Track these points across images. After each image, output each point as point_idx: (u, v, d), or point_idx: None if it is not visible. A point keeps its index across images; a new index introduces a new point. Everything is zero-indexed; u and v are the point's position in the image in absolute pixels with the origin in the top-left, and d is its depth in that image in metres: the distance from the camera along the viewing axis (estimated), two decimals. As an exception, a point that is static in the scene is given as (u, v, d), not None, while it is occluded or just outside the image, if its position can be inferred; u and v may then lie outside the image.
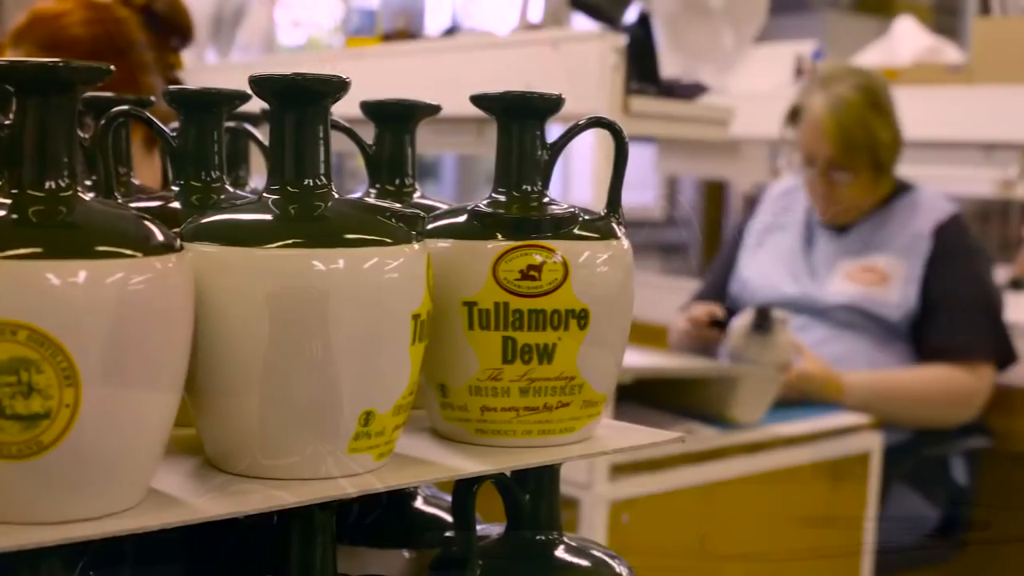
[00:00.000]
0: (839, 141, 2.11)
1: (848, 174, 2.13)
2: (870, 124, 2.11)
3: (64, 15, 1.43)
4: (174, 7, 1.58)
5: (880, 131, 2.13)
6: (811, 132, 2.15)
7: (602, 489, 1.63)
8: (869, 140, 2.11)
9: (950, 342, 2.08)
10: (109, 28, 1.50)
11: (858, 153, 2.11)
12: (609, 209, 0.74)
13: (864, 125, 2.10)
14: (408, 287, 0.64)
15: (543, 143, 0.73)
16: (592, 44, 1.60)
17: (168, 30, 1.52)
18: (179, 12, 1.59)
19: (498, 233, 0.69)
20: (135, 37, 1.52)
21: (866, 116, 2.11)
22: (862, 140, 2.11)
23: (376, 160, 0.83)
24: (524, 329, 0.68)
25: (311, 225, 0.64)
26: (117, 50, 1.49)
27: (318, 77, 0.65)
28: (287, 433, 0.63)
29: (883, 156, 2.14)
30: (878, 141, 2.11)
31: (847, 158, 2.12)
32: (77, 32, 1.43)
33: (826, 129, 2.11)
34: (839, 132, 2.10)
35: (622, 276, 0.71)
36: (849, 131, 2.10)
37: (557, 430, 0.71)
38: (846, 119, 2.10)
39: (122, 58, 1.49)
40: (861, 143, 2.11)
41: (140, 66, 1.51)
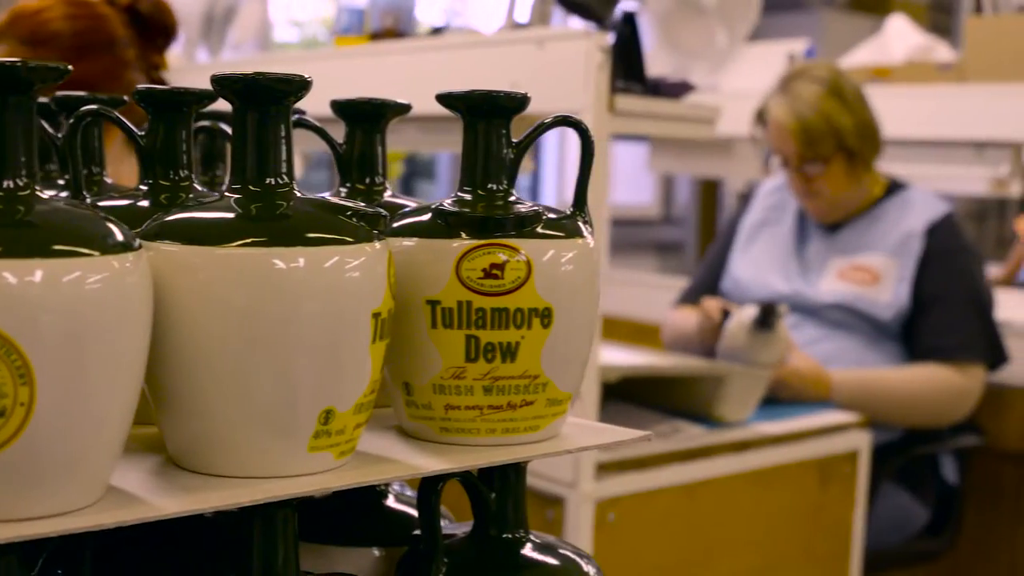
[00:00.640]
0: (799, 134, 2.13)
1: (818, 165, 2.14)
2: (828, 112, 2.12)
3: (45, 10, 1.43)
4: (159, 7, 1.57)
5: (839, 117, 2.14)
6: (775, 132, 2.18)
7: (588, 487, 1.63)
8: (829, 127, 2.12)
9: (942, 342, 2.08)
10: (91, 24, 1.50)
11: (821, 141, 2.12)
12: (575, 208, 0.74)
13: (821, 113, 2.12)
14: (369, 286, 0.64)
15: (509, 142, 0.73)
16: (577, 43, 1.60)
17: (152, 30, 1.52)
18: (163, 12, 1.59)
19: (462, 232, 0.69)
20: (118, 33, 1.52)
21: (823, 105, 2.12)
22: (822, 128, 2.12)
23: (346, 159, 0.83)
24: (487, 328, 0.68)
25: (272, 224, 0.64)
26: (99, 45, 1.49)
27: (279, 77, 0.65)
28: (247, 431, 0.63)
29: (850, 142, 2.14)
30: (839, 127, 2.12)
31: (811, 149, 2.13)
32: (58, 27, 1.43)
33: (786, 125, 2.14)
34: (798, 125, 2.13)
35: (587, 275, 0.71)
36: (807, 121, 2.12)
37: (521, 428, 0.71)
38: (803, 111, 2.12)
39: (105, 54, 1.49)
40: (822, 131, 2.12)
41: (123, 62, 1.51)
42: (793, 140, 2.14)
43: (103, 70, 1.50)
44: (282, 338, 0.62)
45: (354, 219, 0.65)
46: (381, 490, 0.85)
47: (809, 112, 2.13)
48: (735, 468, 1.80)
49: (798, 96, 2.14)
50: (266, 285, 0.62)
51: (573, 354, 0.71)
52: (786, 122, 2.14)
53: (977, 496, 2.45)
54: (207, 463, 0.64)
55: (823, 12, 4.66)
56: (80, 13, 1.48)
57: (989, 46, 2.45)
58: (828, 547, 1.96)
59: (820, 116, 2.13)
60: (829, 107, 2.13)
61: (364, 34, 1.96)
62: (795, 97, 2.14)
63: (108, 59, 1.51)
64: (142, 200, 0.77)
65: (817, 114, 2.13)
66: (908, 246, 2.13)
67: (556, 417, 0.72)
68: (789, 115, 2.14)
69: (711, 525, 1.80)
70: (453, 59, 1.81)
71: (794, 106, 2.14)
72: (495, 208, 0.71)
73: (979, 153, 2.52)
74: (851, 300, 2.13)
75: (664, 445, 1.74)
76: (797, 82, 2.18)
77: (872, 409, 2.03)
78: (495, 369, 0.69)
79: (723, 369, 1.83)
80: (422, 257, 0.69)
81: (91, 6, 1.51)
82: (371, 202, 0.82)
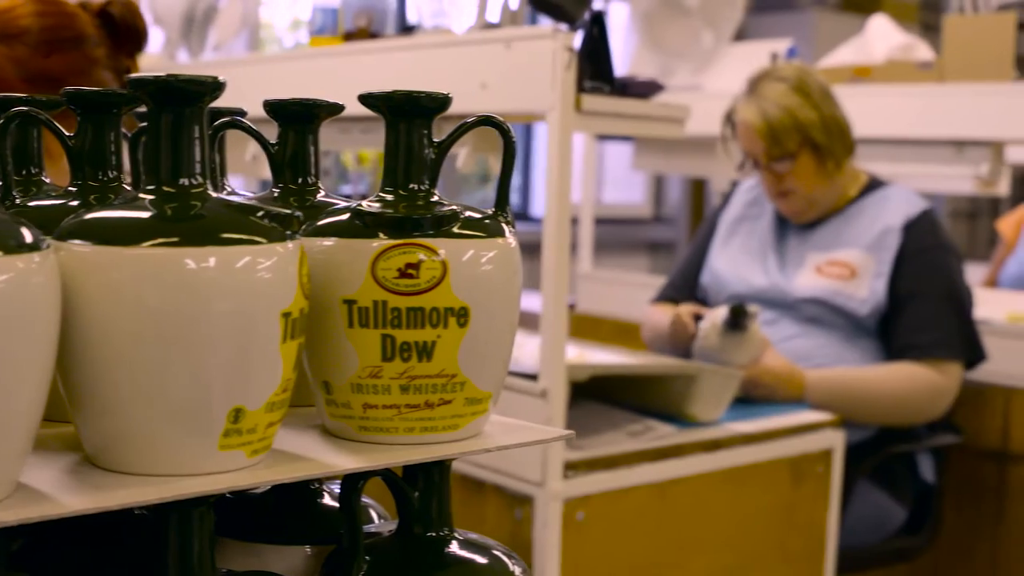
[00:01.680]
0: (765, 131, 2.14)
1: (786, 161, 2.15)
2: (791, 107, 2.13)
3: (15, 7, 1.44)
4: (130, 11, 1.58)
5: (803, 111, 2.15)
6: (743, 134, 2.20)
7: (556, 487, 1.64)
8: (793, 121, 2.13)
9: (917, 339, 2.08)
10: (60, 20, 1.51)
11: (786, 137, 2.13)
12: (497, 207, 0.74)
13: (785, 109, 2.13)
14: (279, 286, 0.65)
15: (431, 142, 0.74)
16: (544, 43, 1.60)
17: (123, 33, 1.52)
18: (135, 16, 1.59)
19: (380, 232, 0.70)
20: (87, 31, 1.52)
21: (786, 101, 2.14)
22: (787, 123, 2.13)
23: (279, 159, 0.84)
24: (403, 327, 0.69)
25: (184, 224, 0.65)
26: (67, 42, 1.50)
27: (192, 78, 0.66)
28: (158, 429, 0.64)
29: (817, 137, 2.15)
30: (804, 121, 2.13)
31: (777, 145, 2.14)
32: (27, 23, 1.44)
33: (752, 125, 2.16)
34: (763, 123, 2.14)
35: (506, 274, 0.72)
36: (770, 118, 2.13)
37: (440, 427, 0.71)
38: (767, 109, 2.14)
39: (73, 50, 1.50)
40: (786, 126, 2.13)
41: (91, 60, 1.52)
42: (760, 139, 2.16)
43: (71, 66, 1.51)
44: (192, 337, 0.63)
45: (266, 220, 0.66)
46: (316, 489, 0.85)
47: (773, 109, 2.14)
48: (707, 467, 1.80)
49: (763, 96, 2.16)
50: (177, 285, 0.62)
51: (492, 353, 0.72)
52: (752, 122, 2.16)
53: (957, 495, 2.45)
54: (120, 461, 0.65)
55: (814, 12, 4.66)
56: (49, 10, 1.49)
57: (967, 45, 2.45)
58: (802, 546, 1.96)
59: (784, 112, 2.14)
60: (792, 103, 2.15)
61: (338, 34, 1.96)
62: (761, 97, 2.16)
63: (76, 55, 1.51)
64: (72, 200, 0.77)
65: (781, 110, 2.14)
66: (885, 242, 2.14)
67: (476, 416, 0.73)
68: (755, 115, 2.16)
69: (683, 524, 1.80)
70: (424, 59, 1.81)
71: (760, 105, 2.15)
72: (414, 208, 0.71)
73: (960, 152, 2.52)
74: (828, 295, 2.13)
75: (635, 444, 1.75)
76: (763, 83, 2.20)
77: (846, 409, 2.03)
78: (411, 368, 0.69)
79: (694, 368, 1.83)
80: (339, 257, 0.70)
81: (61, 4, 1.52)
82: (304, 202, 0.83)
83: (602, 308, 3.07)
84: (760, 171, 2.20)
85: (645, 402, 1.88)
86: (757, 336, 2.02)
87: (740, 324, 2.00)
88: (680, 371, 1.82)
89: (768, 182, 2.21)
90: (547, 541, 1.64)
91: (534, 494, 1.66)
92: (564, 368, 1.63)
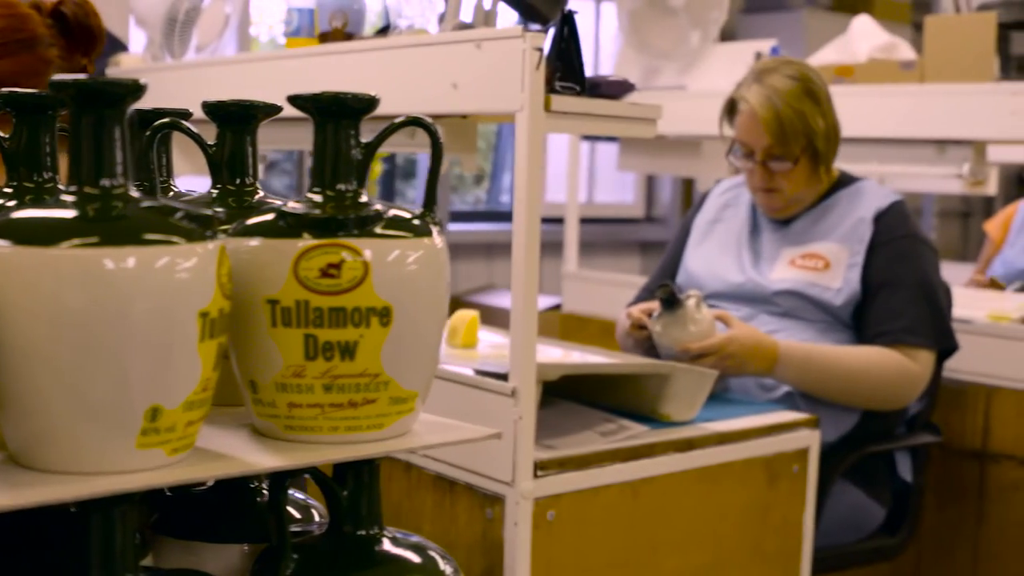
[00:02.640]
0: (775, 129, 2.11)
1: (786, 163, 2.13)
2: (805, 112, 2.11)
3: None
4: (84, 10, 1.58)
5: (815, 119, 2.13)
6: (747, 123, 2.15)
7: (526, 486, 1.64)
8: (805, 127, 2.11)
9: (887, 327, 2.08)
10: (11, 22, 1.51)
11: (795, 140, 2.11)
12: (425, 208, 0.75)
13: (799, 113, 2.11)
14: (197, 286, 0.65)
15: (358, 143, 0.74)
16: (514, 43, 1.60)
17: (77, 33, 1.53)
18: (89, 15, 1.59)
19: (304, 232, 0.70)
20: (39, 32, 1.52)
21: (801, 104, 2.11)
22: (798, 127, 2.11)
23: (217, 160, 0.84)
24: (324, 326, 0.69)
25: (105, 225, 0.65)
26: (20, 44, 1.50)
27: (112, 81, 0.66)
28: (77, 428, 0.64)
29: (820, 145, 2.14)
30: (814, 129, 2.11)
31: (784, 146, 2.12)
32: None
33: (762, 118, 2.11)
34: (775, 120, 2.10)
35: (431, 274, 0.72)
36: (784, 118, 2.10)
37: (364, 426, 0.71)
38: (781, 107, 2.10)
39: (26, 52, 1.50)
40: (797, 130, 2.11)
41: (45, 61, 1.52)
42: (766, 133, 2.12)
43: (24, 68, 1.51)
44: (110, 337, 0.63)
45: (186, 220, 0.66)
46: (255, 488, 0.86)
47: (786, 109, 2.11)
48: (680, 467, 1.80)
49: (775, 89, 2.12)
50: (96, 285, 0.63)
51: (416, 353, 0.72)
52: (762, 114, 2.11)
53: (938, 494, 2.45)
54: (42, 460, 0.66)
55: (805, 12, 4.66)
56: (1, 12, 1.49)
57: (947, 45, 2.45)
58: (778, 545, 1.96)
59: (796, 114, 2.11)
60: (806, 108, 2.12)
61: (315, 35, 1.97)
62: (772, 90, 2.12)
63: (29, 58, 1.51)
64: (10, 201, 0.78)
65: (794, 113, 2.11)
66: (858, 233, 2.14)
67: (402, 415, 0.73)
68: (766, 108, 2.11)
69: (655, 524, 1.80)
70: (397, 60, 1.82)
71: (771, 99, 2.11)
72: (340, 208, 0.72)
73: (941, 151, 2.52)
74: (802, 287, 2.13)
75: (607, 444, 1.75)
76: (772, 76, 2.15)
77: (818, 384, 2.03)
78: (334, 367, 0.70)
79: (667, 368, 1.83)
80: (263, 257, 0.70)
81: (12, 6, 1.52)
82: (241, 202, 0.83)
83: (588, 308, 3.08)
84: (749, 163, 2.17)
85: (620, 403, 1.88)
86: (699, 314, 2.01)
87: (670, 300, 1.99)
88: (653, 370, 1.82)
89: (758, 176, 2.18)
90: (518, 541, 1.65)
91: (505, 493, 1.66)
92: (534, 368, 1.63)
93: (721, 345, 1.98)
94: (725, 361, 1.99)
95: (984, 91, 2.47)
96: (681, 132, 2.88)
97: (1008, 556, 2.42)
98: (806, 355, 2.04)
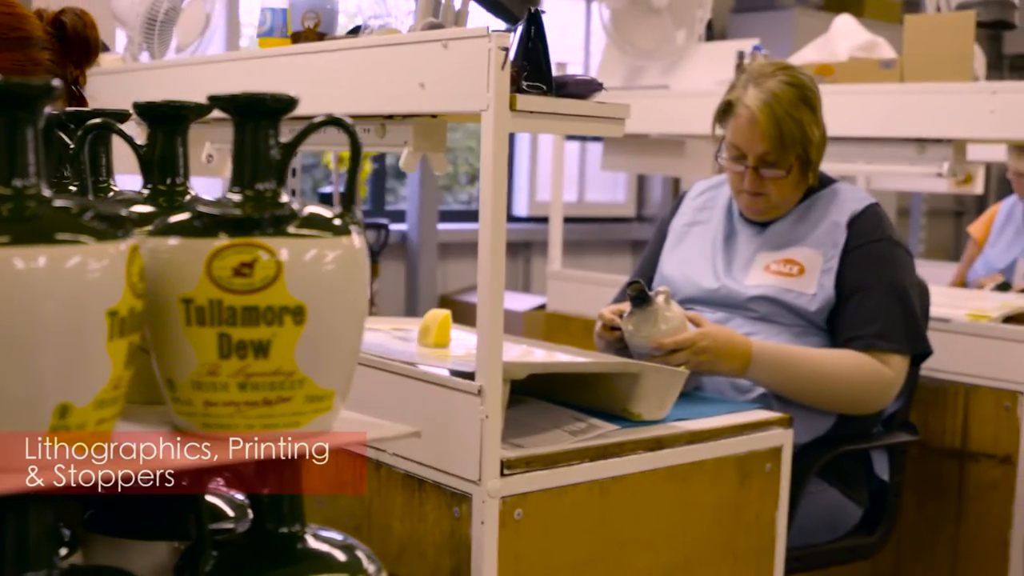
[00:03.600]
0: (774, 137, 2.09)
1: (779, 171, 2.12)
2: (803, 121, 2.10)
3: None
4: (83, 21, 1.59)
5: (812, 128, 2.12)
6: (745, 128, 2.12)
7: (493, 484, 1.64)
8: (802, 136, 2.10)
9: (860, 332, 2.08)
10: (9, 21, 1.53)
11: (791, 148, 2.10)
12: (344, 207, 0.75)
13: (797, 121, 2.09)
14: (106, 285, 0.66)
15: (277, 143, 0.75)
16: (479, 43, 1.60)
17: (72, 43, 1.54)
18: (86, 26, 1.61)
19: (220, 232, 0.71)
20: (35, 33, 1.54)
21: (799, 113, 2.10)
22: (796, 136, 2.09)
23: (148, 160, 0.85)
24: (238, 325, 0.70)
25: (17, 225, 0.66)
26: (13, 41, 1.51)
27: (24, 82, 0.67)
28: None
29: (813, 153, 2.14)
30: (810, 138, 2.11)
31: (780, 154, 2.10)
32: None
33: (762, 124, 2.09)
34: (774, 128, 2.08)
35: (347, 273, 0.73)
36: (784, 127, 2.08)
37: (280, 425, 0.72)
38: (780, 115, 2.09)
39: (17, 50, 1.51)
40: (796, 139, 2.10)
41: (35, 62, 1.53)
42: (763, 140, 2.10)
43: (12, 65, 1.52)
44: (20, 335, 0.64)
45: (97, 221, 0.67)
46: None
47: (785, 116, 2.09)
48: (650, 465, 1.81)
49: (774, 96, 2.10)
50: (6, 284, 0.64)
51: (332, 352, 0.73)
52: (761, 120, 2.09)
53: (917, 493, 2.45)
54: (-46, 457, 0.66)
55: (796, 11, 4.66)
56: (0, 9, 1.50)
57: (927, 44, 2.45)
58: (750, 544, 1.96)
59: (796, 123, 2.09)
60: (805, 117, 2.11)
61: (287, 35, 1.97)
62: (771, 95, 2.10)
63: (19, 55, 1.53)
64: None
65: (793, 121, 2.09)
66: (832, 237, 2.14)
67: (319, 414, 0.74)
68: (766, 113, 2.09)
69: (625, 522, 1.80)
70: (367, 60, 1.82)
71: (771, 105, 2.09)
72: (257, 208, 0.72)
73: (921, 150, 2.52)
74: (777, 293, 2.13)
75: (575, 442, 1.75)
76: (770, 80, 2.13)
77: (790, 385, 2.03)
78: (248, 366, 0.70)
79: (637, 367, 1.83)
80: (179, 256, 0.71)
81: (11, 4, 1.54)
82: (172, 202, 0.84)
83: (572, 307, 3.08)
84: (739, 166, 2.16)
85: (592, 402, 1.88)
86: (673, 310, 2.01)
87: (640, 298, 2.00)
88: (622, 369, 1.83)
89: (747, 180, 2.16)
90: (484, 539, 1.65)
91: (471, 492, 1.66)
92: (500, 367, 1.63)
93: (693, 340, 1.99)
94: (698, 356, 1.99)
95: (963, 90, 2.47)
96: (664, 131, 2.88)
97: (987, 554, 2.43)
98: (780, 356, 2.05)
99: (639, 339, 2.02)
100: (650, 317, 2.01)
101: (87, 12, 1.62)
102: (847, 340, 2.09)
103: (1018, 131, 2.46)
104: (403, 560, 1.79)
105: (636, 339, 2.03)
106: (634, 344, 2.04)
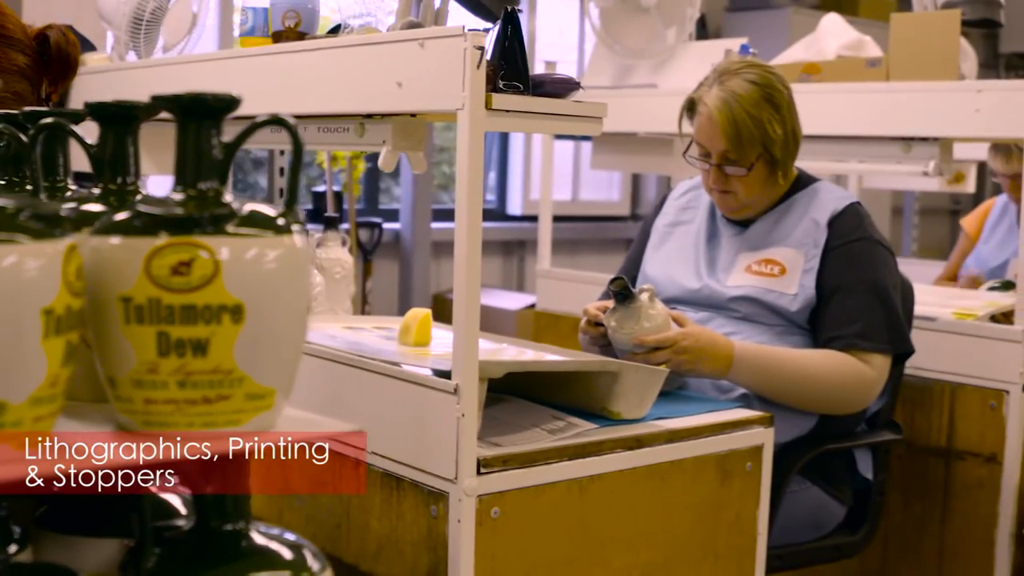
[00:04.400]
0: (731, 135, 2.10)
1: (741, 168, 2.13)
2: (763, 119, 2.10)
3: None
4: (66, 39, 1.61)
5: (773, 126, 2.11)
6: (704, 126, 2.14)
7: (469, 483, 1.65)
8: (761, 135, 2.10)
9: (842, 331, 2.07)
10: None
11: (750, 147, 2.10)
12: (286, 206, 0.76)
13: (756, 120, 2.09)
14: (41, 283, 0.66)
15: (219, 142, 0.75)
16: (455, 42, 1.61)
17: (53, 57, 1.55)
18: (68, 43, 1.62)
19: (160, 230, 0.71)
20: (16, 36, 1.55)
21: (759, 111, 2.10)
22: (755, 135, 2.09)
23: (99, 159, 0.85)
24: (176, 323, 0.70)
25: (-50, 224, 0.66)
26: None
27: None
28: (-80, 424, 0.65)
29: (776, 152, 2.13)
30: (770, 137, 2.10)
31: (739, 152, 2.11)
32: None
33: (718, 123, 2.10)
34: (731, 126, 2.09)
35: (287, 272, 0.73)
36: (741, 125, 2.09)
37: (220, 422, 0.72)
38: (738, 113, 2.09)
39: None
40: (753, 138, 2.10)
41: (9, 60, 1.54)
42: (722, 139, 2.12)
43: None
44: (-47, 334, 0.64)
45: (33, 220, 0.67)
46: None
47: (742, 114, 2.09)
48: (629, 464, 1.81)
49: (733, 94, 2.10)
50: (-62, 282, 0.64)
51: (272, 350, 0.73)
52: (718, 120, 2.10)
53: (903, 491, 2.45)
54: None
55: (791, 10, 4.66)
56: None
57: (912, 42, 2.45)
58: (731, 543, 1.96)
59: (754, 121, 2.09)
60: (764, 115, 2.10)
61: (268, 35, 1.98)
62: (730, 94, 2.10)
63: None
64: None
65: (752, 120, 2.09)
66: (813, 237, 2.13)
67: (260, 412, 0.74)
68: (723, 113, 2.10)
69: (603, 521, 1.80)
70: (347, 59, 1.83)
71: (729, 105, 2.10)
72: (200, 207, 0.73)
73: (908, 149, 2.52)
74: (758, 293, 2.13)
75: (553, 440, 1.75)
76: (733, 79, 2.15)
77: (772, 386, 2.03)
78: (187, 364, 0.70)
79: (615, 365, 1.83)
80: (118, 255, 0.71)
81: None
82: (123, 201, 0.84)
83: (561, 306, 3.09)
84: (706, 164, 2.18)
85: (571, 400, 1.88)
86: (657, 308, 2.01)
87: (626, 295, 2.00)
88: (600, 367, 1.83)
89: (713, 177, 2.18)
90: (461, 538, 1.65)
91: (448, 491, 1.67)
92: (476, 365, 1.64)
93: (675, 339, 1.99)
94: (680, 355, 1.99)
95: (949, 89, 2.47)
96: (652, 130, 2.88)
97: (972, 553, 2.43)
98: (761, 358, 2.05)
99: (621, 335, 2.02)
100: (633, 314, 2.01)
101: (71, 31, 1.64)
102: (828, 340, 2.08)
103: (1003, 130, 2.46)
104: (381, 559, 1.79)
105: (618, 335, 2.03)
106: (616, 340, 2.04)
